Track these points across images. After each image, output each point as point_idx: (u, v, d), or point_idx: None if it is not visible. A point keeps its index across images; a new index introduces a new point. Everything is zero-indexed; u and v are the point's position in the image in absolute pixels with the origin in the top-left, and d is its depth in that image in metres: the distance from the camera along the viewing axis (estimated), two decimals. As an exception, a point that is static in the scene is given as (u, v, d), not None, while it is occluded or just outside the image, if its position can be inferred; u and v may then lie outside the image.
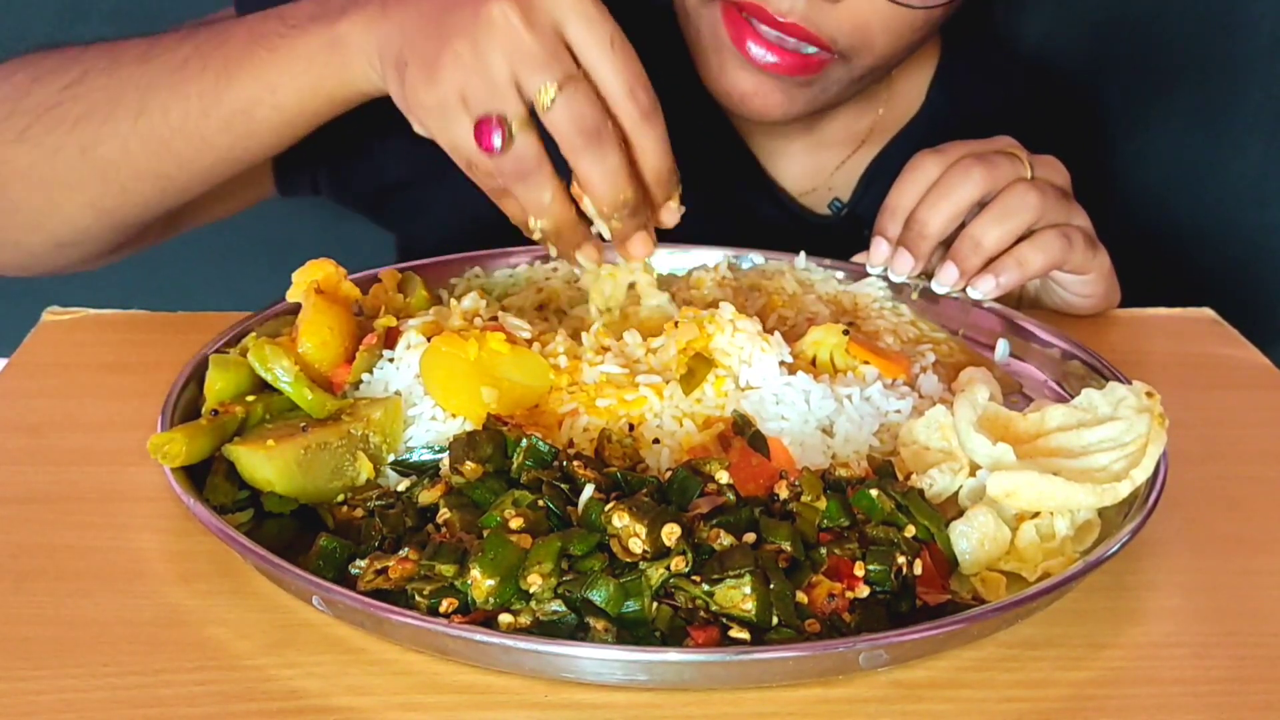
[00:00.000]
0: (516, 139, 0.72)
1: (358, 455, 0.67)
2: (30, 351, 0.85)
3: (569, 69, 0.72)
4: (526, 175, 0.73)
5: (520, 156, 0.73)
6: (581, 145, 0.72)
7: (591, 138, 0.72)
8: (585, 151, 0.73)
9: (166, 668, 0.57)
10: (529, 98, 0.72)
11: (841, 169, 1.13)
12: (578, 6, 0.72)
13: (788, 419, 0.71)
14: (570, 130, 0.72)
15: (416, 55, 0.75)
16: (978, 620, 0.57)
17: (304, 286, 0.74)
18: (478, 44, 0.72)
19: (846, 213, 1.12)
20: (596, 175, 0.73)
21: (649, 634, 0.56)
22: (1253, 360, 0.92)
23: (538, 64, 0.71)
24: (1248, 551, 0.69)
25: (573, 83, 0.71)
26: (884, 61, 0.96)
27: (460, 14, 0.73)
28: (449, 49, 0.73)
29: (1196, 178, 1.49)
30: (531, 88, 0.71)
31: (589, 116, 0.72)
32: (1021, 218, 0.86)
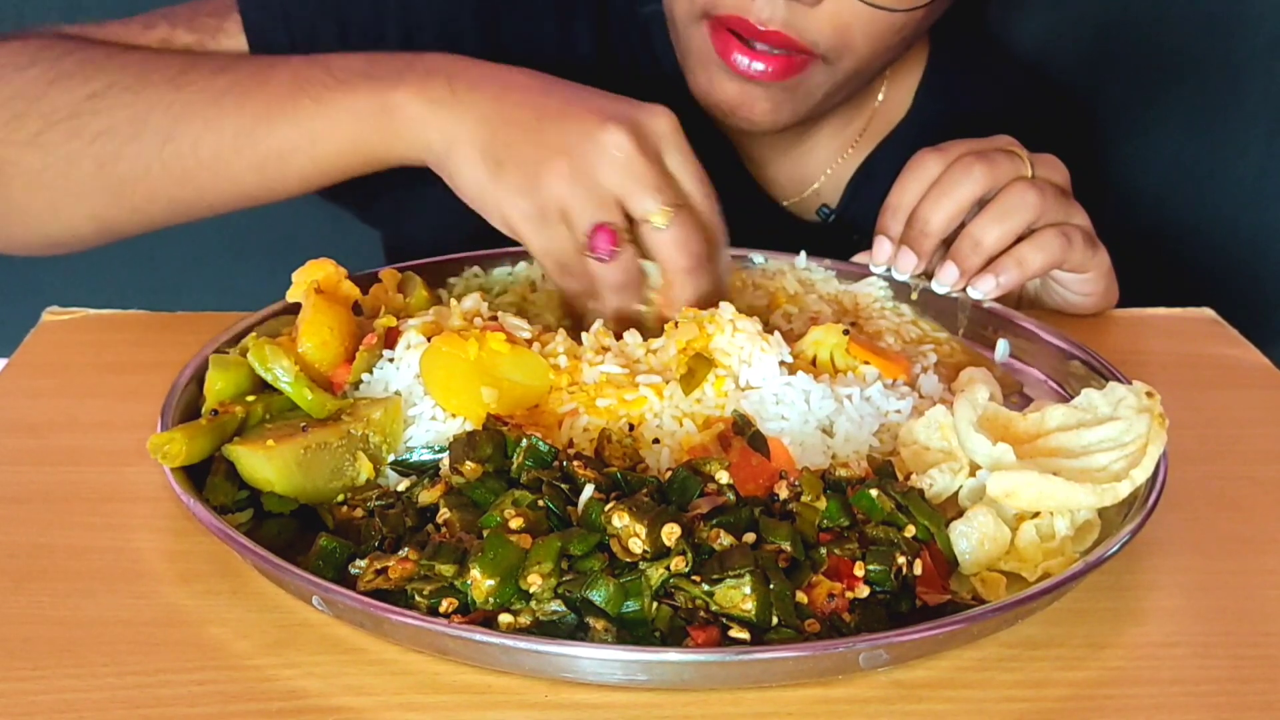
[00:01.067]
0: (625, 251, 0.77)
1: (358, 455, 0.67)
2: (30, 351, 0.85)
3: (680, 198, 0.78)
4: (628, 285, 0.79)
5: (627, 267, 0.78)
6: (687, 269, 0.78)
7: (700, 264, 0.78)
8: (689, 275, 0.78)
9: (166, 668, 0.57)
10: (636, 216, 0.77)
11: (830, 175, 1.13)
12: (677, 143, 0.79)
13: (788, 419, 0.71)
14: (680, 254, 0.78)
15: (516, 159, 0.78)
16: (978, 620, 0.57)
17: (304, 286, 0.74)
18: (588, 162, 0.76)
19: (835, 218, 1.12)
20: (692, 294, 0.79)
21: (649, 634, 0.56)
22: (1253, 360, 0.92)
23: (653, 188, 0.76)
24: (1248, 551, 0.69)
25: (685, 210, 0.78)
26: (867, 64, 0.96)
27: (567, 130, 0.77)
28: (556, 162, 0.76)
29: (1196, 178, 1.49)
30: (642, 208, 0.76)
31: (698, 244, 0.78)
32: (1021, 217, 0.86)
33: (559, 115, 0.78)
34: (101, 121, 0.86)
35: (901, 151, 0.93)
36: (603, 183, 0.76)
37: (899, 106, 1.13)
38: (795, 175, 1.13)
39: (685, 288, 0.79)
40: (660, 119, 0.78)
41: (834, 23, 0.91)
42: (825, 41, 0.92)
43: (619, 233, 0.76)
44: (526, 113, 0.79)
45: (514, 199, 0.78)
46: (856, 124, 1.12)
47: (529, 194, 0.77)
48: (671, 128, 0.79)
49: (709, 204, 0.80)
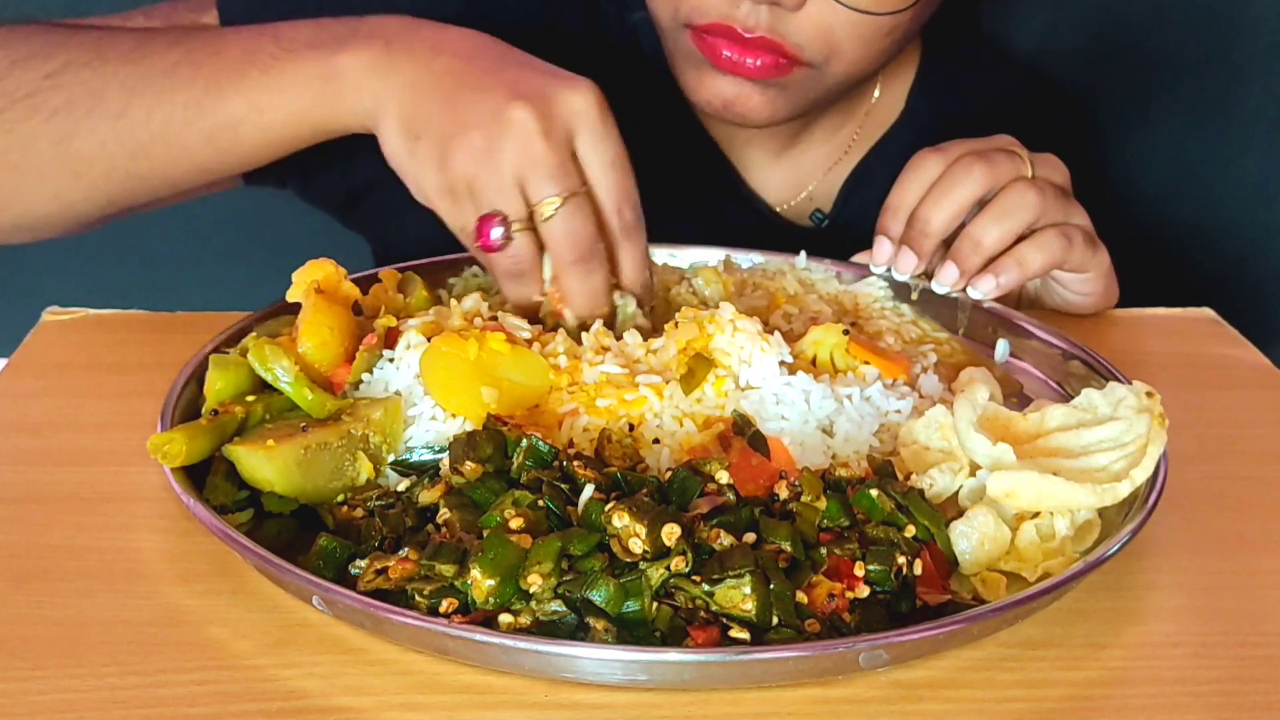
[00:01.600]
0: (515, 240, 0.76)
1: (358, 455, 0.67)
2: (30, 351, 0.85)
3: (574, 185, 0.75)
4: (519, 275, 0.77)
5: (516, 256, 0.76)
6: (571, 261, 0.76)
7: (583, 256, 0.76)
8: (575, 268, 0.76)
9: (166, 668, 0.57)
10: (532, 203, 0.75)
11: (823, 180, 1.12)
12: (591, 122, 0.76)
13: (788, 419, 0.71)
14: (565, 245, 0.76)
15: (430, 132, 0.77)
16: (978, 620, 0.57)
17: (304, 286, 0.74)
18: (493, 141, 0.74)
19: (828, 224, 1.12)
20: (581, 292, 0.77)
21: (649, 634, 0.56)
22: (1253, 360, 0.92)
23: (546, 174, 0.74)
24: (1248, 551, 0.69)
25: (575, 199, 0.75)
26: (858, 69, 0.96)
27: (479, 104, 0.75)
28: (464, 137, 0.75)
29: (1196, 178, 1.49)
30: (536, 195, 0.75)
31: (584, 236, 0.76)
32: (1021, 217, 0.86)
33: (475, 86, 0.77)
34: (59, 98, 0.86)
35: (895, 154, 0.93)
36: (503, 165, 0.75)
37: (892, 109, 1.13)
38: (787, 181, 1.12)
39: (571, 280, 0.77)
40: (578, 95, 0.76)
41: (818, 27, 0.90)
42: (811, 46, 0.91)
43: (509, 221, 0.75)
44: (448, 82, 0.78)
45: (427, 172, 0.77)
46: (848, 128, 1.11)
47: (440, 169, 0.76)
48: (588, 104, 0.76)
49: (619, 192, 0.78)
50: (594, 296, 0.78)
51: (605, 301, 0.78)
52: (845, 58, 0.93)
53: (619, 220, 0.78)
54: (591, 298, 0.78)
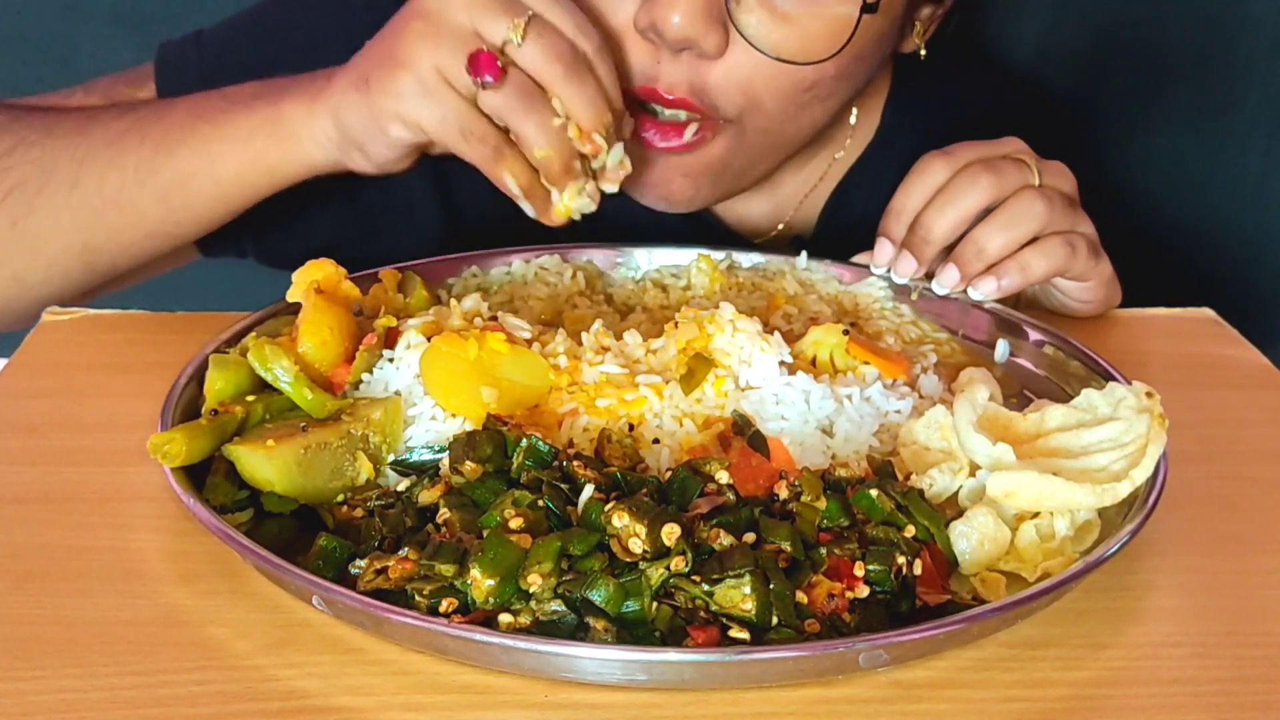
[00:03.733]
0: (509, 71, 0.77)
1: (358, 455, 0.67)
2: (30, 351, 0.85)
3: (528, 9, 0.77)
4: (532, 99, 0.77)
5: (521, 81, 0.77)
6: (563, 73, 0.77)
7: (570, 64, 0.77)
8: (568, 78, 0.77)
9: (166, 668, 0.57)
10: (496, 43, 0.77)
11: (799, 209, 1.10)
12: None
13: (787, 419, 0.71)
14: (548, 62, 0.77)
15: (374, 64, 0.79)
16: (977, 620, 0.57)
17: (304, 286, 0.74)
18: (431, 14, 0.77)
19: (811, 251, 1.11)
20: (583, 99, 0.78)
21: (649, 634, 0.56)
22: (1253, 360, 0.92)
23: (497, 10, 0.77)
24: (1248, 551, 0.69)
25: (537, 20, 0.77)
26: (778, 124, 0.93)
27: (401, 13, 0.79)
28: (404, 37, 0.77)
29: (1197, 178, 1.49)
30: (499, 33, 0.77)
31: (562, 45, 0.77)
32: (1026, 226, 0.86)
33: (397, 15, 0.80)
34: (11, 179, 0.88)
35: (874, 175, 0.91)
36: (454, 23, 0.77)
37: (868, 130, 1.09)
38: (764, 212, 1.10)
39: (569, 93, 0.78)
40: None
41: (735, 80, 0.88)
42: (729, 102, 0.89)
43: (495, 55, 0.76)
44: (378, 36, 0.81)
45: (391, 90, 0.78)
46: (824, 155, 1.08)
47: (400, 75, 0.77)
48: None
49: (567, 14, 0.79)
50: (597, 99, 0.79)
51: (605, 104, 0.79)
52: (764, 112, 0.90)
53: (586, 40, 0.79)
54: (596, 101, 0.78)
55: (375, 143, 0.81)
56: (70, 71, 1.03)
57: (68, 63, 1.37)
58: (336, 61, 0.87)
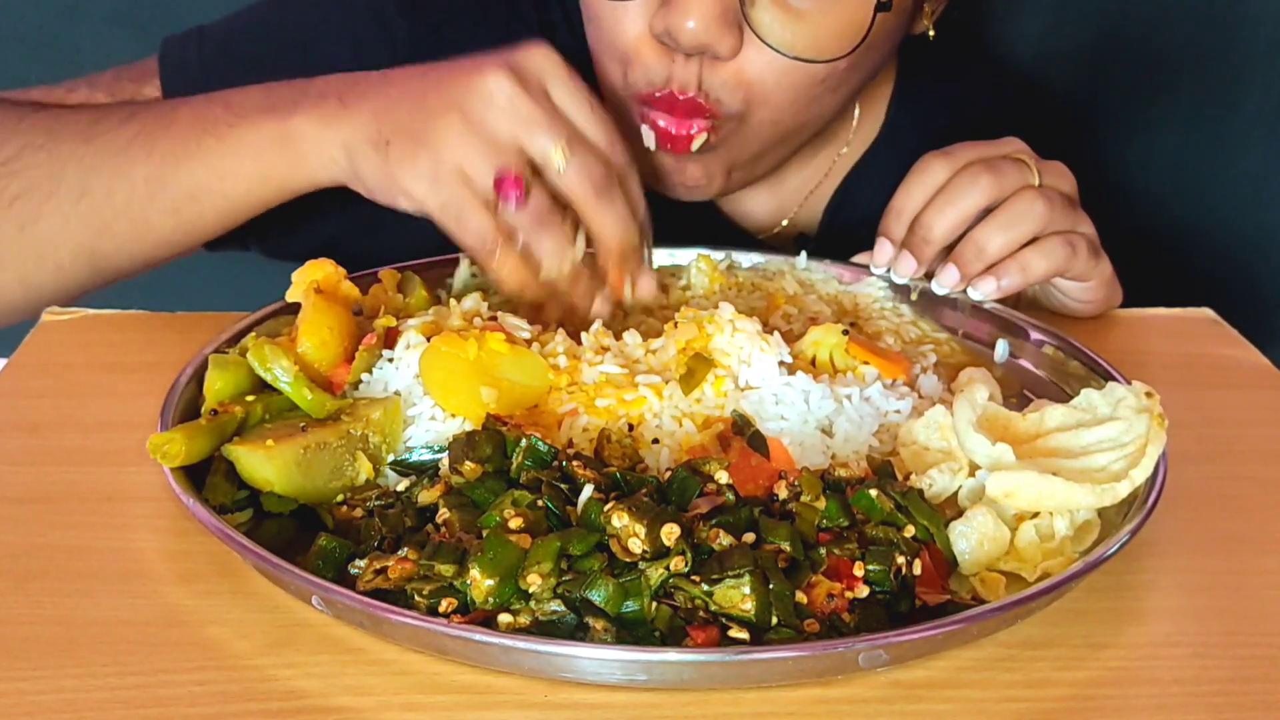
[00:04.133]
0: (534, 192, 0.76)
1: (357, 455, 0.67)
2: (30, 351, 0.85)
3: (572, 130, 0.76)
4: (550, 223, 0.77)
5: (542, 206, 0.76)
6: (597, 198, 0.77)
7: (605, 189, 0.77)
8: (601, 203, 0.77)
9: (166, 668, 0.57)
10: (536, 159, 0.76)
11: (804, 206, 1.10)
12: (560, 72, 0.77)
13: (787, 419, 0.71)
14: (586, 186, 0.76)
15: (401, 131, 0.77)
16: (977, 620, 0.57)
17: (303, 286, 0.74)
18: (473, 113, 0.75)
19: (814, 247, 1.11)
20: (612, 223, 0.78)
21: (648, 634, 0.56)
22: (1253, 360, 0.92)
23: (543, 127, 0.75)
24: (1248, 551, 0.69)
25: (579, 142, 0.76)
26: (789, 116, 0.92)
27: (448, 89, 0.77)
28: (441, 120, 0.76)
29: (1197, 178, 1.49)
30: (540, 149, 0.75)
31: (600, 170, 0.77)
32: (1027, 226, 0.85)
33: (439, 82, 0.78)
34: (18, 184, 0.87)
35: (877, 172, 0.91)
36: (495, 130, 0.75)
37: (871, 127, 1.10)
38: (768, 208, 1.10)
39: (601, 216, 0.77)
40: (536, 53, 0.77)
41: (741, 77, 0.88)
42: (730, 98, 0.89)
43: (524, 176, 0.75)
44: (411, 92, 0.79)
45: (407, 168, 0.77)
46: (827, 153, 1.08)
47: (423, 157, 0.76)
48: (550, 60, 0.77)
49: (604, 131, 0.79)
50: (626, 221, 0.79)
51: (633, 226, 0.79)
52: (772, 107, 0.90)
53: (617, 157, 0.79)
54: (625, 223, 0.78)
55: (381, 196, 0.81)
56: (70, 72, 1.03)
57: (68, 62, 1.37)
58: (338, 59, 0.86)
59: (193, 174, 0.84)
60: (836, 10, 0.87)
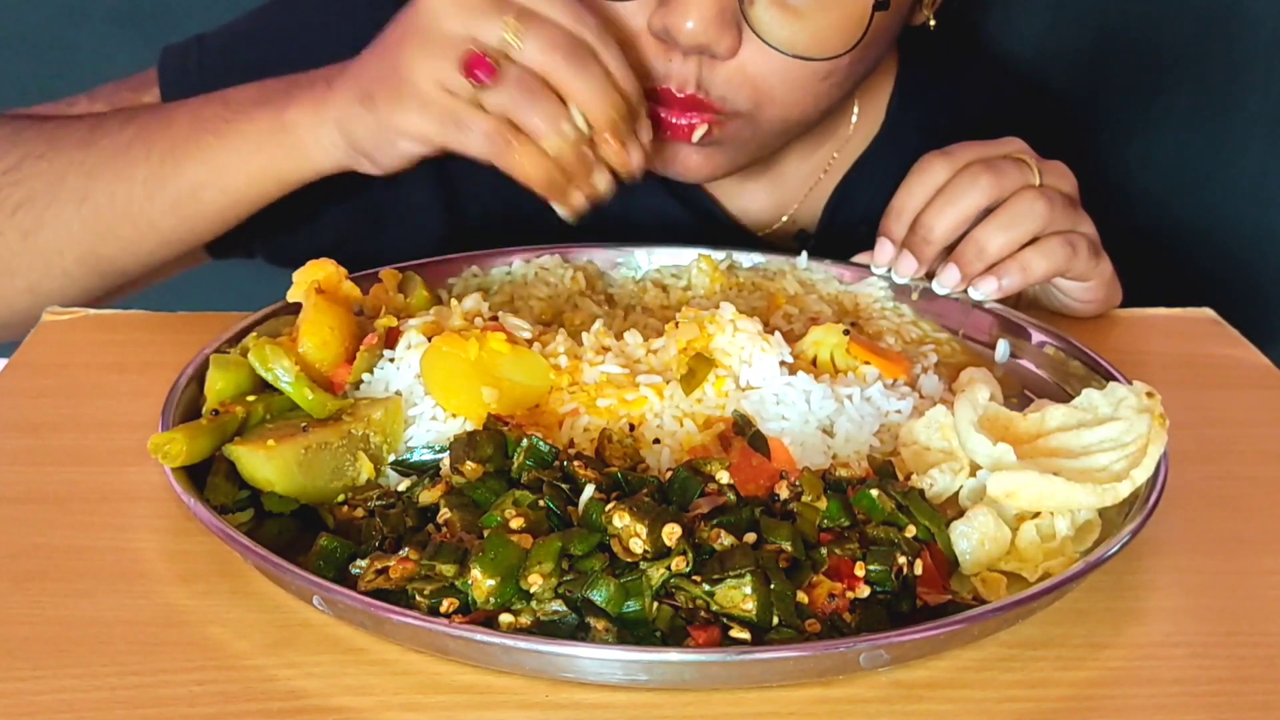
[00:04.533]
0: (504, 65, 0.75)
1: (358, 455, 0.67)
2: (30, 351, 0.85)
3: (520, 9, 0.76)
4: (534, 90, 0.76)
5: (519, 75, 0.76)
6: (565, 63, 0.75)
7: (573, 53, 0.76)
8: (572, 69, 0.76)
9: (166, 668, 0.57)
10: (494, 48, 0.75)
11: (804, 202, 1.10)
12: None
13: (788, 419, 0.71)
14: (549, 54, 0.75)
15: (378, 79, 0.79)
16: (978, 620, 0.57)
17: (304, 286, 0.74)
18: (426, 32, 0.76)
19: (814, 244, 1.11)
20: (589, 86, 0.76)
21: (649, 634, 0.56)
22: (1253, 360, 0.92)
23: (489, 11, 0.75)
24: (1248, 551, 0.69)
25: (529, 15, 0.76)
26: (795, 113, 0.93)
27: (402, 22, 0.78)
28: (403, 53, 0.77)
29: (1197, 178, 1.49)
30: (493, 36, 0.75)
31: (558, 35, 0.75)
32: (1027, 226, 0.85)
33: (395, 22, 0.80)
34: (20, 193, 0.87)
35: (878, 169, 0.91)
36: (448, 33, 0.76)
37: (872, 123, 1.10)
38: (768, 205, 1.10)
39: (575, 83, 0.76)
40: None
41: (746, 76, 0.88)
42: (737, 97, 0.89)
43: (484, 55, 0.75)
44: (379, 45, 0.81)
45: (394, 108, 0.78)
46: (827, 148, 1.09)
47: (403, 92, 0.77)
48: None
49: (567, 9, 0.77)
50: (605, 86, 0.77)
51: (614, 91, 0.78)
52: (778, 103, 0.90)
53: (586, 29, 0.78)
54: (604, 88, 0.77)
55: (384, 154, 0.82)
56: (70, 72, 1.03)
57: (67, 63, 1.37)
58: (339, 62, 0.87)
59: (192, 171, 0.85)
60: (834, 7, 0.87)
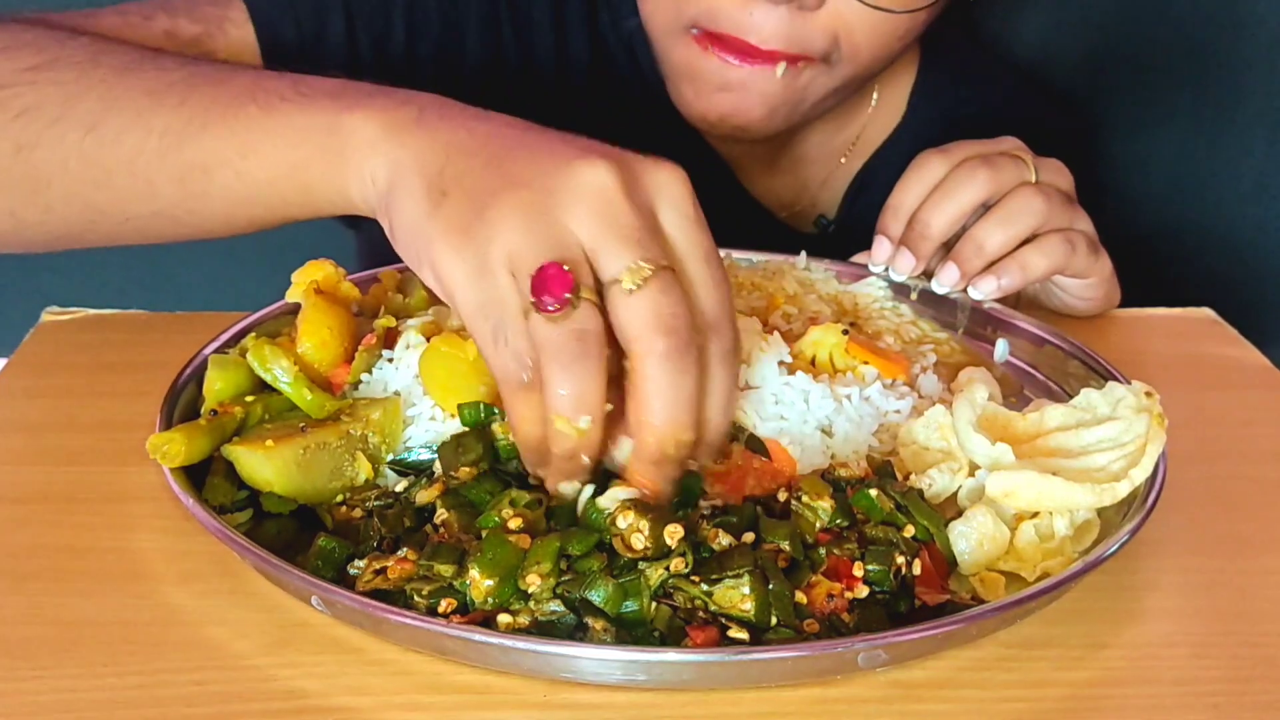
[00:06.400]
0: (582, 306, 0.56)
1: (357, 455, 0.67)
2: (30, 351, 0.85)
3: (667, 258, 0.58)
4: (583, 355, 0.56)
5: (582, 328, 0.56)
6: (663, 350, 0.56)
7: (678, 344, 0.56)
8: (665, 360, 0.56)
9: (166, 668, 0.57)
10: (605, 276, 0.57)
11: (825, 185, 1.11)
12: (680, 200, 0.60)
13: (787, 419, 0.71)
14: (652, 326, 0.56)
15: (466, 189, 0.59)
16: (977, 620, 0.57)
17: (303, 286, 0.74)
18: (553, 197, 0.57)
19: (835, 229, 1.12)
20: (669, 396, 0.56)
21: (648, 634, 0.56)
22: (1253, 360, 0.92)
23: (632, 240, 0.57)
24: (1247, 551, 0.69)
25: (668, 275, 0.57)
26: (866, 69, 0.95)
27: (537, 160, 0.59)
28: (513, 195, 0.58)
29: (1197, 178, 1.48)
30: (616, 264, 0.56)
31: (681, 319, 0.56)
32: (1025, 222, 0.86)
33: (533, 147, 0.61)
34: (30, 96, 0.75)
35: (898, 158, 0.92)
36: (567, 224, 0.57)
37: (893, 113, 1.12)
38: (789, 187, 1.11)
39: (656, 379, 0.56)
40: (665, 168, 0.60)
41: (833, 29, 0.90)
42: (826, 44, 0.91)
43: (576, 279, 0.56)
44: (497, 144, 0.62)
45: (448, 236, 0.58)
46: (848, 132, 1.11)
47: (469, 231, 0.58)
48: (678, 180, 0.60)
49: (718, 296, 0.59)
50: (686, 406, 0.57)
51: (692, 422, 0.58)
52: (858, 58, 0.92)
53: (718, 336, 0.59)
54: (684, 407, 0.57)
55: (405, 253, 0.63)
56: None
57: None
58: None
59: (214, 140, 0.71)
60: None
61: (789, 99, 0.96)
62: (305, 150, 0.68)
